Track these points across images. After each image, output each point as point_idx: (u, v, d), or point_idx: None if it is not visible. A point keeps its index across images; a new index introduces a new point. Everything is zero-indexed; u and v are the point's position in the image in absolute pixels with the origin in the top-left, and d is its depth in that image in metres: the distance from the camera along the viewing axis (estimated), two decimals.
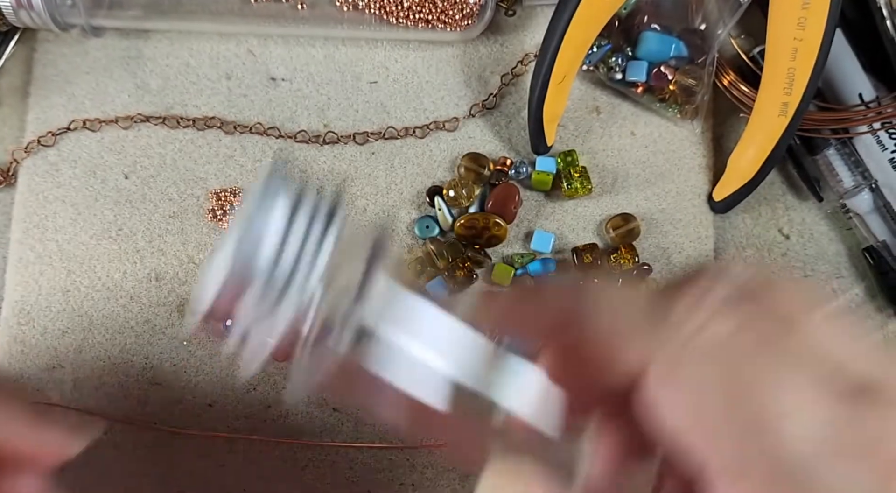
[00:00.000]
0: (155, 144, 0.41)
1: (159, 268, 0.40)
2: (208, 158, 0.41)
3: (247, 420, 0.39)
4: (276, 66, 0.42)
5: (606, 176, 0.42)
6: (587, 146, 0.42)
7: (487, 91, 0.43)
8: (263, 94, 0.42)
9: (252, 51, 0.41)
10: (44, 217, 0.40)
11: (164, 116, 0.41)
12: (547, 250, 0.40)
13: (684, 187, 0.42)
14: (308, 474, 0.39)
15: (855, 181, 0.41)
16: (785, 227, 0.43)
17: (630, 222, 0.40)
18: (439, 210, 0.40)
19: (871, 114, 0.41)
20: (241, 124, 0.41)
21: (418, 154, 0.42)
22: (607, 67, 0.42)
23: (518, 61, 0.43)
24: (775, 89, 0.37)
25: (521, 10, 0.44)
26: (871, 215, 0.42)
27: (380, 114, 0.42)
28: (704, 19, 0.41)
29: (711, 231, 0.42)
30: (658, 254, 0.41)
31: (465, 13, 0.40)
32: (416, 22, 0.40)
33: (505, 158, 0.41)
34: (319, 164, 0.41)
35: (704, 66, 0.41)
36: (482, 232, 0.39)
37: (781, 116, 0.38)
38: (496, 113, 0.43)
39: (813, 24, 0.35)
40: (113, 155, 0.41)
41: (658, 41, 0.41)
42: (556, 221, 0.41)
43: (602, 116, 0.43)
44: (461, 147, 0.42)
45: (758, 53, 0.42)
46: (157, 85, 0.41)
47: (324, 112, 0.42)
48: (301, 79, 0.42)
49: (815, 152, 0.42)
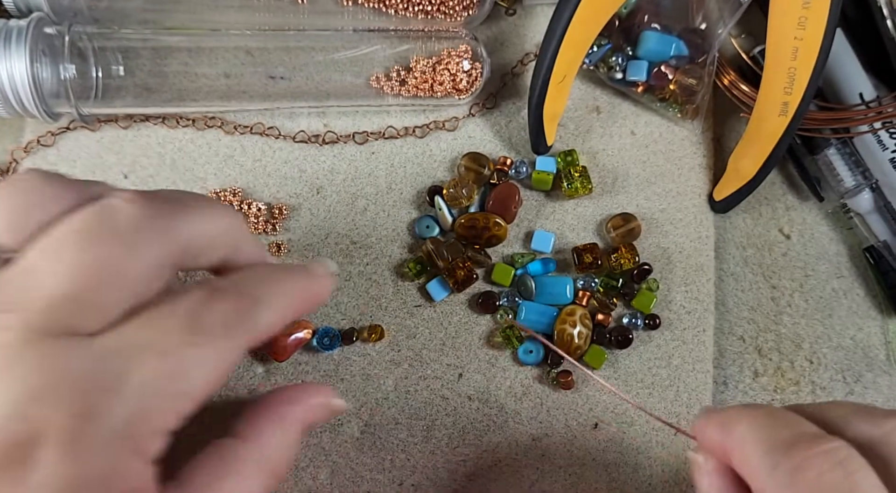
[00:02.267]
0: (154, 143, 0.41)
1: None
2: (208, 157, 0.41)
3: None
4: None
5: (606, 176, 0.42)
6: (587, 146, 0.42)
7: (487, 91, 0.43)
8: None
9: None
10: None
11: (163, 116, 0.41)
12: (547, 249, 0.40)
13: (684, 187, 0.42)
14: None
15: (855, 181, 0.41)
16: (785, 227, 0.43)
17: (630, 222, 0.40)
18: (439, 210, 0.40)
19: (871, 113, 0.40)
20: (241, 124, 0.41)
21: (418, 154, 0.42)
22: (607, 67, 0.42)
23: (518, 61, 0.43)
24: (776, 89, 0.37)
25: (521, 10, 0.44)
26: (872, 215, 0.42)
27: (380, 113, 0.42)
28: (705, 19, 0.41)
29: (712, 231, 0.42)
30: (658, 254, 0.41)
31: (465, 4, 0.40)
32: (415, 13, 0.40)
33: (505, 158, 0.41)
34: (319, 164, 0.41)
35: (705, 66, 0.41)
36: (482, 232, 0.39)
37: (782, 116, 0.38)
38: (496, 113, 0.43)
39: (813, 24, 0.35)
40: (112, 155, 0.41)
41: (658, 41, 0.41)
42: (557, 221, 0.41)
43: (602, 115, 0.43)
44: (461, 147, 0.42)
45: (758, 53, 0.42)
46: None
47: (324, 112, 0.42)
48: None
49: (815, 152, 0.42)
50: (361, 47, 0.40)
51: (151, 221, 0.23)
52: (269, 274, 0.26)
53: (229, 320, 0.24)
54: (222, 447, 0.25)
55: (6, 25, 0.36)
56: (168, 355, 0.22)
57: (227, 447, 0.25)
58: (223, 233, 0.26)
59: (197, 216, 0.25)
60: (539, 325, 0.39)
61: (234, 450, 0.25)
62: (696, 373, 0.40)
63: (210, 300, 0.24)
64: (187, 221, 0.24)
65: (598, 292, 0.40)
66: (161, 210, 0.24)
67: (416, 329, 0.40)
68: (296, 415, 0.27)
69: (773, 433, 0.23)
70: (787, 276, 0.42)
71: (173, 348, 0.22)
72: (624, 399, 0.38)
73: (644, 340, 0.40)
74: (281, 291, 0.26)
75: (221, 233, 0.26)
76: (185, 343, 0.22)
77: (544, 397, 0.39)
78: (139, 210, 0.23)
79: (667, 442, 0.39)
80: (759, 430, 0.23)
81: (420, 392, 0.39)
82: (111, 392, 0.21)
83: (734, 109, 0.43)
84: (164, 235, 0.23)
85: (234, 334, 0.24)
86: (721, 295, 0.42)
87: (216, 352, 0.23)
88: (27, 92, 0.36)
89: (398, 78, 0.40)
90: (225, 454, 0.25)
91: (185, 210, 0.24)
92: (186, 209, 0.24)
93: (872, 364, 0.42)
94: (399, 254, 0.40)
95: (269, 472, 0.25)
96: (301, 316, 0.28)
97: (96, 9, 0.39)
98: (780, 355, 0.41)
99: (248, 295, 0.25)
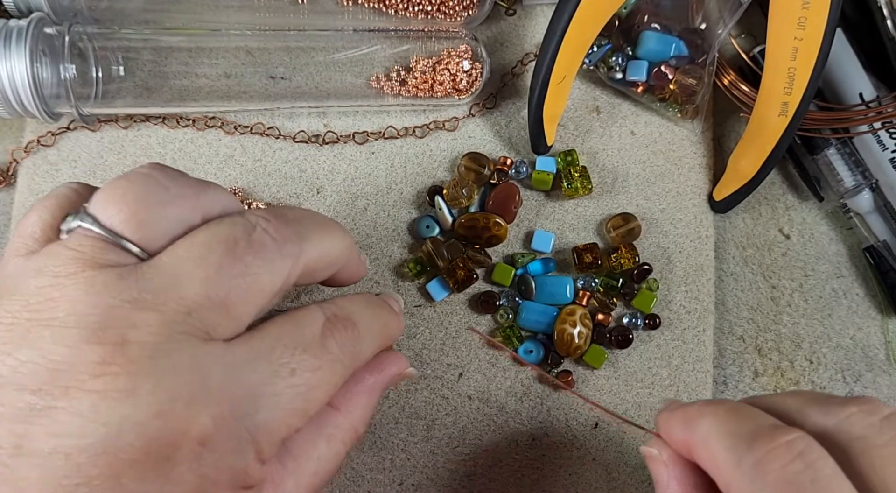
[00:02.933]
0: (155, 143, 0.41)
1: None
2: (208, 158, 0.41)
3: None
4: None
5: (606, 176, 0.42)
6: (587, 146, 0.42)
7: (487, 91, 0.43)
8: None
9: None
10: None
11: (163, 116, 0.41)
12: (547, 249, 0.40)
13: (684, 187, 0.42)
14: None
15: (855, 181, 0.41)
16: (785, 227, 0.43)
17: (630, 222, 0.40)
18: (439, 210, 0.40)
19: (871, 113, 0.41)
20: (241, 124, 0.41)
21: (418, 154, 0.42)
22: (607, 67, 0.42)
23: (518, 61, 0.43)
24: (775, 89, 0.37)
25: (521, 10, 0.44)
26: (872, 215, 0.42)
27: (380, 113, 0.42)
28: (705, 19, 0.41)
29: (711, 231, 0.42)
30: (658, 254, 0.41)
31: (465, 4, 0.40)
32: (415, 13, 0.40)
33: (505, 158, 0.41)
34: (319, 164, 0.41)
35: (705, 66, 0.41)
36: (482, 232, 0.39)
37: (781, 116, 0.38)
38: (496, 113, 0.43)
39: (813, 24, 0.35)
40: (113, 155, 0.41)
41: (658, 41, 0.41)
42: (557, 221, 0.41)
43: (602, 115, 0.43)
44: (461, 147, 0.42)
45: (758, 53, 0.42)
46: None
47: (324, 112, 0.42)
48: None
49: (815, 152, 0.42)
50: (361, 47, 0.41)
51: (286, 242, 0.25)
52: (371, 304, 0.29)
53: (346, 349, 0.26)
54: (318, 415, 0.27)
55: (6, 25, 0.36)
56: (297, 375, 0.24)
57: (322, 415, 0.27)
58: (340, 254, 0.28)
59: (321, 239, 0.27)
60: (539, 325, 0.39)
61: (328, 419, 0.28)
62: (696, 373, 0.40)
63: (333, 328, 0.26)
64: (313, 243, 0.26)
65: (598, 291, 0.40)
66: (293, 232, 0.25)
67: (416, 329, 0.40)
68: (380, 384, 0.30)
69: (736, 428, 0.24)
70: (786, 276, 0.42)
71: (302, 368, 0.24)
72: (591, 403, 0.38)
73: (644, 340, 0.40)
74: (381, 325, 0.29)
75: (338, 254, 0.28)
76: (312, 366, 0.24)
77: (544, 397, 0.39)
78: (276, 231, 0.25)
79: None
80: (722, 425, 0.24)
81: (420, 392, 0.39)
82: (249, 401, 0.22)
83: (734, 109, 0.43)
84: (296, 256, 0.25)
85: (349, 363, 0.26)
86: (721, 295, 0.42)
87: (332, 376, 0.25)
88: (27, 92, 0.36)
89: (398, 78, 0.40)
90: (321, 423, 0.27)
91: (311, 233, 0.26)
92: (313, 232, 0.26)
93: (872, 364, 0.42)
94: (399, 254, 0.40)
95: (353, 434, 0.28)
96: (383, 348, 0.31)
97: (96, 9, 0.39)
98: (780, 355, 0.42)
99: (361, 327, 0.27)
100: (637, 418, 0.39)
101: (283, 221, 0.25)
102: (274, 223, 0.25)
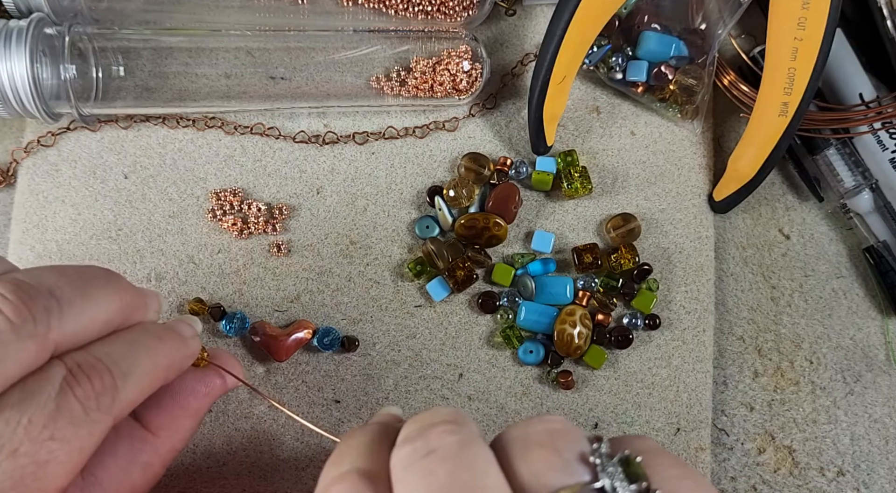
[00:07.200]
0: (155, 143, 0.41)
1: (159, 268, 0.40)
2: (208, 158, 0.41)
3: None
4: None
5: (606, 176, 0.42)
6: (587, 146, 0.42)
7: (487, 91, 0.43)
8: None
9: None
10: (44, 217, 0.40)
11: (163, 116, 0.41)
12: (547, 249, 0.40)
13: (684, 187, 0.42)
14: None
15: (855, 181, 0.41)
16: (785, 227, 0.43)
17: (630, 222, 0.40)
18: (439, 210, 0.40)
19: (871, 114, 0.41)
20: (241, 124, 0.41)
21: (418, 154, 0.42)
22: (607, 67, 0.42)
23: (518, 61, 0.43)
24: (775, 89, 0.37)
25: (521, 10, 0.44)
26: (872, 215, 0.42)
27: (380, 114, 0.42)
28: (704, 19, 0.41)
29: (711, 231, 0.42)
30: (658, 254, 0.41)
31: (465, 4, 0.40)
32: (415, 14, 0.40)
33: (505, 158, 0.41)
34: (319, 164, 0.41)
35: (704, 66, 0.41)
36: (482, 232, 0.39)
37: (781, 116, 0.38)
38: (496, 113, 0.43)
39: (813, 24, 0.35)
40: (113, 155, 0.41)
41: (658, 41, 0.41)
42: (557, 221, 0.41)
43: (602, 115, 0.43)
44: (461, 147, 0.42)
45: (758, 53, 0.42)
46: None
47: (324, 112, 0.42)
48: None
49: (815, 152, 0.42)
50: (361, 48, 0.41)
51: (24, 326, 0.22)
52: (137, 342, 0.25)
53: (91, 405, 0.23)
54: (135, 439, 0.26)
55: (6, 26, 0.36)
56: (19, 455, 0.21)
57: (138, 439, 0.26)
58: (104, 321, 0.25)
59: (74, 313, 0.23)
60: (539, 325, 0.39)
61: (145, 445, 0.26)
62: (696, 373, 0.40)
63: (76, 383, 0.22)
64: (64, 320, 0.23)
65: (598, 292, 0.40)
66: (36, 314, 0.22)
67: (416, 329, 0.40)
68: (206, 406, 0.29)
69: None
70: (786, 276, 0.42)
71: (27, 445, 0.21)
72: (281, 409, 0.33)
73: (644, 340, 0.40)
74: (149, 360, 0.25)
75: (102, 321, 0.25)
76: (42, 438, 0.21)
77: (544, 397, 0.39)
78: (12, 313, 0.22)
79: (667, 442, 0.39)
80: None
81: (420, 392, 0.39)
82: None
83: (734, 109, 0.43)
84: (38, 339, 0.22)
85: (97, 417, 0.23)
86: (721, 295, 0.42)
87: (77, 440, 0.22)
88: (27, 92, 0.36)
89: (398, 78, 0.40)
90: (135, 452, 0.26)
91: (63, 309, 0.23)
92: (64, 308, 0.23)
93: (872, 364, 0.42)
94: (399, 254, 0.40)
95: (173, 453, 0.27)
96: (167, 381, 0.28)
97: (96, 9, 0.39)
98: (780, 356, 0.42)
99: (114, 370, 0.24)
100: (637, 418, 0.39)
101: (25, 300, 0.22)
102: (11, 308, 0.22)
